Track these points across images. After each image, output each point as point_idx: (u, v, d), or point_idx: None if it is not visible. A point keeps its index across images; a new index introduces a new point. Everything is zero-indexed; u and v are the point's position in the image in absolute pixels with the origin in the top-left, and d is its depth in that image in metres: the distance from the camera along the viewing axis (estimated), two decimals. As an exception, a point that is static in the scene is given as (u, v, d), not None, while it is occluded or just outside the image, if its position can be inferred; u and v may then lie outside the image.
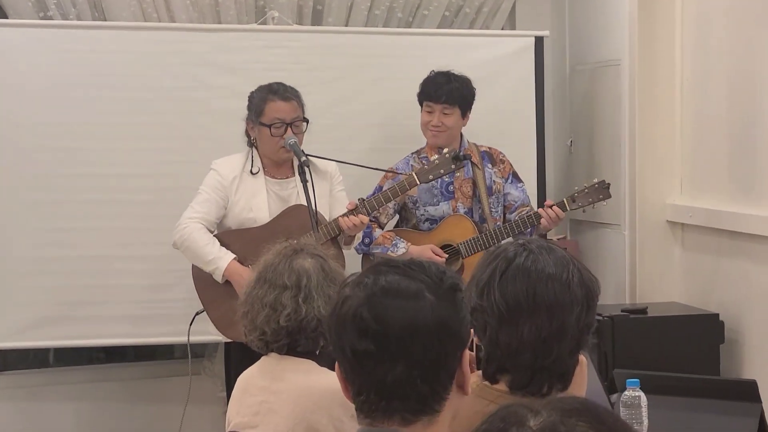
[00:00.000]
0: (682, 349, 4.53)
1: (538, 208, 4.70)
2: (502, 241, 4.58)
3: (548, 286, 2.03)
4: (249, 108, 4.41)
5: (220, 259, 4.26)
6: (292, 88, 4.42)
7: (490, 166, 4.83)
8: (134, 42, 4.88)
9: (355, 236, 4.47)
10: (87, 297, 4.80)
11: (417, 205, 4.74)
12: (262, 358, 2.87)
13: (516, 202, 4.83)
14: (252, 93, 4.43)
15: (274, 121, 4.32)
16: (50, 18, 5.01)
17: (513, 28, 5.73)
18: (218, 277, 4.27)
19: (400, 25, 5.48)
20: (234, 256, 4.27)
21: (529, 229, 4.63)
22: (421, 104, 4.75)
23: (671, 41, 5.03)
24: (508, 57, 5.26)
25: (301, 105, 4.40)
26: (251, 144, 4.44)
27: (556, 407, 1.36)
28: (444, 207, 4.74)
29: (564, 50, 5.69)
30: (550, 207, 4.56)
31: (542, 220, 4.55)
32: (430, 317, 1.77)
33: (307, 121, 4.40)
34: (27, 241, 4.77)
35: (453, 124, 4.70)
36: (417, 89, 4.78)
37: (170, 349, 5.54)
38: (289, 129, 4.32)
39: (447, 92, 4.67)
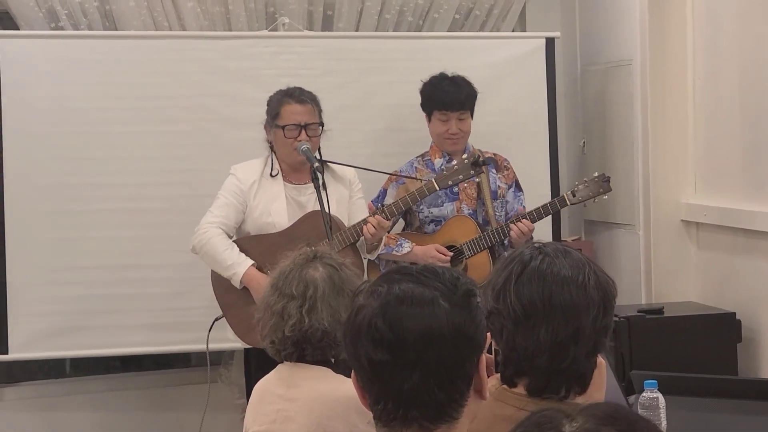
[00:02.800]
0: (699, 349, 4.52)
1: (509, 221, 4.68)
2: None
3: (564, 288, 2.03)
4: (267, 112, 4.42)
5: (239, 265, 4.26)
6: (310, 93, 4.42)
7: (494, 171, 4.83)
8: (145, 51, 4.90)
9: (378, 245, 4.47)
10: (103, 306, 4.81)
11: (421, 206, 4.72)
12: (279, 365, 2.87)
13: (511, 212, 4.82)
14: (270, 96, 4.44)
15: (288, 123, 4.33)
16: (61, 28, 5.03)
17: (523, 29, 5.72)
18: (236, 283, 4.27)
19: (410, 29, 5.48)
20: (252, 262, 4.27)
21: (506, 239, 4.64)
22: (429, 113, 4.74)
23: (683, 40, 5.01)
24: (519, 59, 5.25)
25: (317, 109, 4.40)
26: (272, 149, 4.44)
27: (592, 413, 1.36)
28: (448, 207, 4.73)
29: (575, 51, 5.68)
30: (519, 220, 4.58)
31: (511, 233, 4.57)
32: (446, 324, 1.77)
33: (323, 126, 4.40)
34: (42, 251, 4.78)
35: (468, 127, 4.72)
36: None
37: (187, 357, 5.55)
38: (303, 132, 4.33)
39: (461, 100, 4.67)
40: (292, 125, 4.33)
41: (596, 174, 4.69)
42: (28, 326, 4.77)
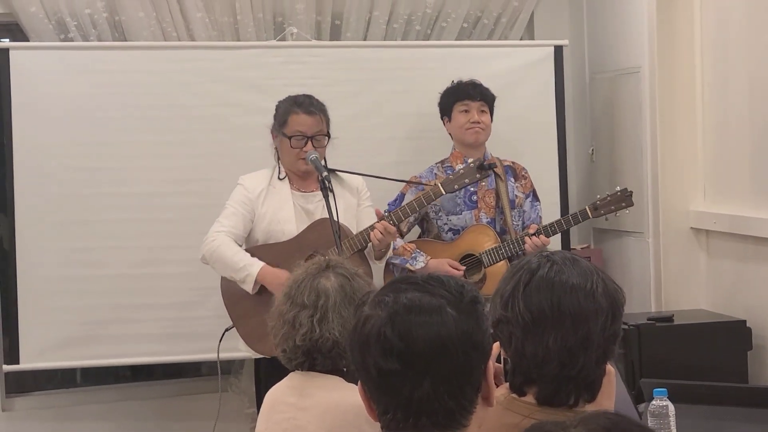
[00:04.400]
0: (709, 357, 4.51)
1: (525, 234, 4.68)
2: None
3: (572, 295, 2.03)
4: (275, 117, 4.44)
5: (252, 266, 4.26)
6: (318, 102, 4.43)
7: (513, 180, 4.83)
8: (154, 61, 4.92)
9: (386, 252, 4.47)
10: (114, 316, 4.83)
11: (439, 214, 4.74)
12: (290, 374, 2.87)
13: (528, 221, 4.83)
14: (279, 102, 4.46)
15: (295, 133, 4.34)
16: (71, 40, 5.05)
17: (532, 37, 5.73)
18: (250, 284, 4.25)
19: (418, 37, 5.49)
20: (264, 263, 4.28)
21: (521, 252, 4.64)
22: (449, 110, 4.77)
23: (690, 47, 5.01)
24: (528, 67, 5.26)
25: (325, 119, 4.41)
26: (277, 154, 4.45)
27: (590, 426, 1.35)
28: (467, 216, 4.74)
29: (583, 59, 5.68)
30: (535, 235, 4.59)
31: (526, 246, 4.58)
32: (454, 332, 1.77)
33: (329, 136, 4.41)
34: (53, 261, 4.80)
35: (489, 123, 4.75)
36: (437, 101, 4.81)
37: (197, 367, 5.55)
38: (309, 143, 4.34)
39: (481, 92, 4.74)
40: (299, 136, 4.34)
41: (618, 188, 4.69)
42: (39, 336, 4.79)
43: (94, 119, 4.83)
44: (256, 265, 4.26)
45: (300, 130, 4.34)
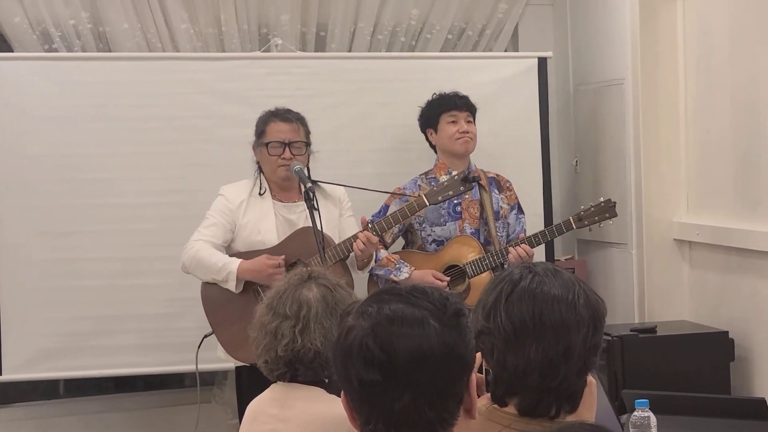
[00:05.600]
0: (692, 368, 4.52)
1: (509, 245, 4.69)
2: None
3: (554, 307, 2.03)
4: (255, 132, 4.46)
5: (231, 263, 4.28)
6: (296, 113, 4.46)
7: (497, 191, 4.85)
8: (139, 72, 4.91)
9: (369, 262, 4.48)
10: (96, 327, 4.81)
11: (423, 225, 4.74)
12: (272, 385, 2.86)
13: (512, 233, 4.84)
14: (259, 117, 4.48)
15: (272, 140, 4.37)
16: (55, 50, 5.05)
17: (516, 49, 5.75)
18: (233, 282, 4.26)
19: (403, 49, 5.50)
20: (242, 259, 4.29)
21: (506, 263, 4.66)
22: (434, 122, 4.77)
23: (674, 59, 5.04)
24: (512, 78, 5.27)
25: (304, 129, 4.44)
26: (260, 169, 4.46)
27: None
28: (451, 227, 4.74)
29: (567, 70, 5.70)
30: (519, 245, 4.61)
31: (510, 256, 4.60)
32: (436, 344, 1.77)
33: (308, 145, 4.42)
34: (35, 272, 4.78)
35: (475, 132, 4.77)
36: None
37: (180, 378, 5.54)
38: (287, 150, 4.35)
39: (466, 103, 4.77)
40: (276, 142, 4.37)
41: (602, 199, 4.71)
42: (22, 347, 4.77)
43: (78, 130, 4.82)
44: (234, 262, 4.27)
45: (277, 137, 4.37)
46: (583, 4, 5.56)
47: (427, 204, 4.43)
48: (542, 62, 5.30)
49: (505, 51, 5.69)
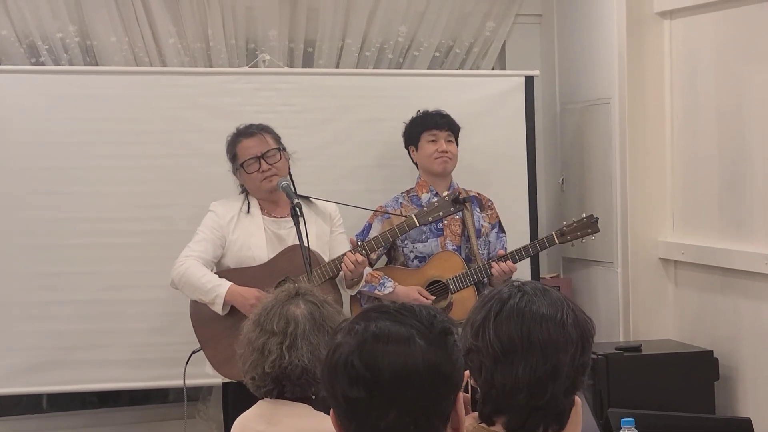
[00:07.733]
0: (677, 387, 4.53)
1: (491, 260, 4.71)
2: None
3: (542, 326, 2.03)
4: (229, 159, 4.47)
5: (220, 286, 4.27)
6: (258, 124, 4.48)
7: (478, 210, 4.86)
8: (126, 86, 4.90)
9: (359, 281, 4.48)
10: (80, 341, 4.79)
11: (405, 242, 4.75)
12: (259, 402, 2.86)
13: (493, 252, 4.84)
14: (226, 142, 4.49)
15: (245, 158, 4.37)
16: (42, 63, 5.04)
17: (503, 68, 5.76)
18: (219, 305, 4.26)
19: (390, 66, 5.51)
20: (232, 283, 4.28)
21: (486, 279, 4.68)
22: (416, 139, 4.79)
23: (660, 79, 5.06)
24: (499, 96, 5.29)
25: (271, 136, 4.45)
26: (244, 191, 4.47)
27: None
28: (433, 243, 4.75)
29: (554, 89, 5.72)
30: (502, 260, 4.63)
31: (492, 272, 4.62)
32: (421, 363, 1.76)
33: (282, 149, 4.43)
34: (19, 286, 4.76)
35: (456, 152, 4.77)
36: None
37: (164, 393, 5.52)
38: (262, 162, 4.35)
39: (448, 122, 4.77)
40: (249, 159, 4.38)
41: (584, 215, 4.73)
42: (5, 361, 4.74)
43: (64, 143, 4.80)
44: (224, 286, 4.26)
45: (249, 154, 4.39)
46: (570, 23, 5.58)
47: (417, 224, 4.45)
48: (529, 81, 5.32)
49: (493, 69, 5.71)
